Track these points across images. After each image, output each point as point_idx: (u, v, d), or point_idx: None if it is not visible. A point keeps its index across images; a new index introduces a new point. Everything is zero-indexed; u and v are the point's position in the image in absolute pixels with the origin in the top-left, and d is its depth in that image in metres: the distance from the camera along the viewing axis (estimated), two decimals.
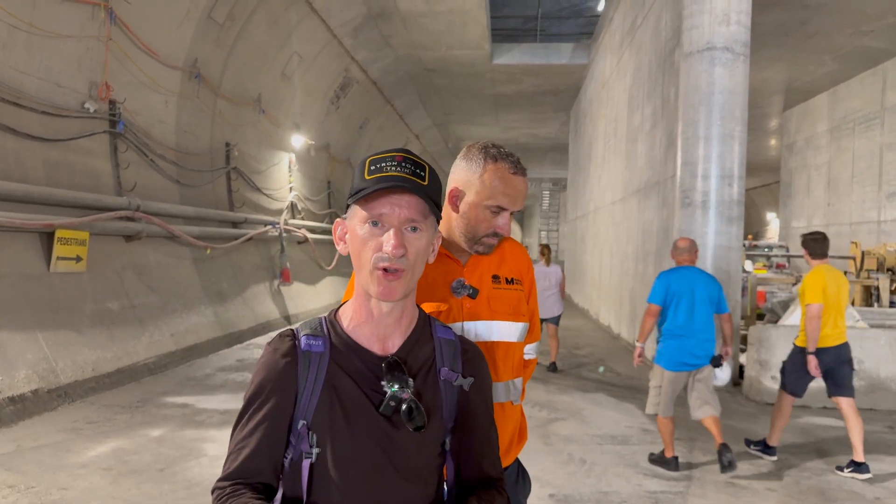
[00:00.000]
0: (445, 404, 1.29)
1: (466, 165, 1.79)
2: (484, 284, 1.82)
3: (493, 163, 1.76)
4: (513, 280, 1.88)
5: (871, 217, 14.87)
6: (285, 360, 1.24)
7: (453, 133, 26.92)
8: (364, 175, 1.22)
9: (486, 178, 1.75)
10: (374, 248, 1.20)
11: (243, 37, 11.04)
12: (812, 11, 11.50)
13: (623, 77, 13.06)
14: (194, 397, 6.79)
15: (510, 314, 1.84)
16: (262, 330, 11.23)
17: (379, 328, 1.27)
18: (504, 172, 1.76)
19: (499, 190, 1.75)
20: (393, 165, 1.22)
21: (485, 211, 1.76)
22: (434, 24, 14.64)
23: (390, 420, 1.22)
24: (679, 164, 8.15)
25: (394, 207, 1.20)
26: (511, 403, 1.87)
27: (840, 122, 16.24)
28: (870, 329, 7.16)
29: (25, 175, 6.84)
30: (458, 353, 1.33)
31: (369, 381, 1.24)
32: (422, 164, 1.25)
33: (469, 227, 1.79)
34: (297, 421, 1.22)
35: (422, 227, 1.22)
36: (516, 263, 1.92)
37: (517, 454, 1.93)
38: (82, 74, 7.72)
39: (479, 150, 1.79)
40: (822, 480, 4.77)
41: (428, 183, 1.23)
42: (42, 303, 6.69)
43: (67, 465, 4.67)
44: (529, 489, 2.00)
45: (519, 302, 1.87)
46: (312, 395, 1.22)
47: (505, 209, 1.77)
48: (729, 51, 7.76)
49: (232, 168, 11.57)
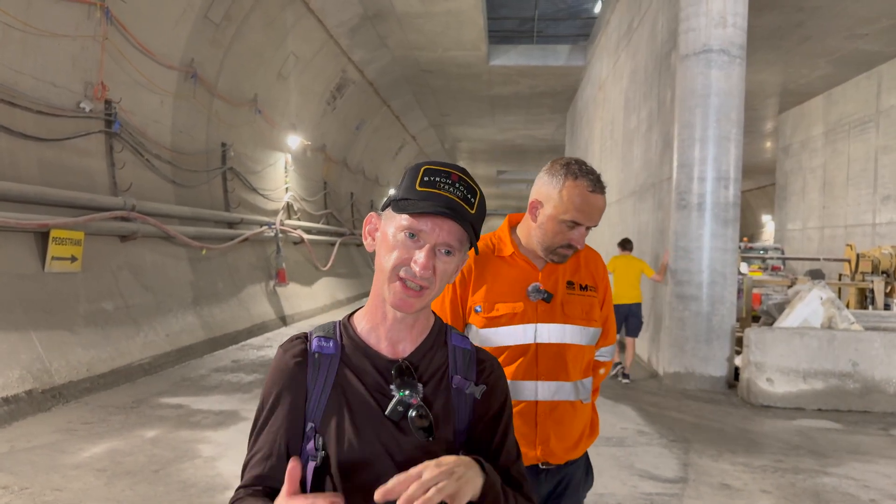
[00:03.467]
0: (458, 413, 1.26)
1: (548, 180, 1.90)
2: (559, 289, 1.95)
3: (573, 180, 1.86)
4: (587, 287, 2.01)
5: (865, 220, 14.92)
6: (295, 361, 1.23)
7: (450, 134, 26.92)
8: (416, 184, 1.19)
9: (564, 193, 1.85)
10: (402, 259, 1.18)
11: (240, 37, 11.02)
12: (807, 15, 11.53)
13: (619, 79, 13.08)
14: (189, 398, 6.77)
15: (582, 319, 1.96)
16: (258, 331, 11.21)
17: (391, 332, 1.25)
18: (582, 190, 1.85)
19: (575, 206, 1.85)
20: (448, 184, 1.19)
21: (560, 224, 1.87)
22: (431, 25, 14.64)
23: (398, 425, 1.19)
24: (675, 167, 8.16)
25: (434, 227, 1.17)
26: (581, 402, 2.00)
27: (835, 125, 16.30)
28: (864, 332, 7.18)
29: (20, 175, 6.81)
30: (474, 362, 1.30)
31: (378, 385, 1.22)
32: (474, 189, 1.22)
33: (545, 237, 1.90)
34: (306, 423, 1.21)
35: (455, 252, 1.20)
36: (592, 271, 2.05)
37: (587, 448, 2.06)
38: (78, 74, 7.70)
39: (562, 167, 1.88)
40: (818, 483, 4.78)
41: (475, 211, 1.21)
42: (36, 303, 6.66)
43: (61, 466, 4.65)
44: (592, 482, 2.12)
45: (592, 307, 2.00)
46: (321, 397, 1.21)
47: (580, 224, 1.86)
48: (725, 53, 7.78)
49: (228, 168, 11.55)
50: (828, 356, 6.96)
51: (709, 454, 5.35)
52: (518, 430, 1.88)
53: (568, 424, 1.97)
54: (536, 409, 1.92)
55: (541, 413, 1.93)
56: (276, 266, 12.94)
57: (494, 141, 27.87)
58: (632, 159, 11.54)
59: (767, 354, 7.06)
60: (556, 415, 1.94)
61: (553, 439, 1.94)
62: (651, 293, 9.50)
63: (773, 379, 7.02)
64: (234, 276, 11.37)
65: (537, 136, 26.23)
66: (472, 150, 30.85)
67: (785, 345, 7.05)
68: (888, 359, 6.93)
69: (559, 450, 1.95)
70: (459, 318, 1.97)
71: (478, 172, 37.96)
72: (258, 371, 8.24)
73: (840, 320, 7.40)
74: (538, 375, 1.92)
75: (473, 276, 1.96)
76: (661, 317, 8.78)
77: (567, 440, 1.97)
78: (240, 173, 12.07)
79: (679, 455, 5.29)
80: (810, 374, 6.97)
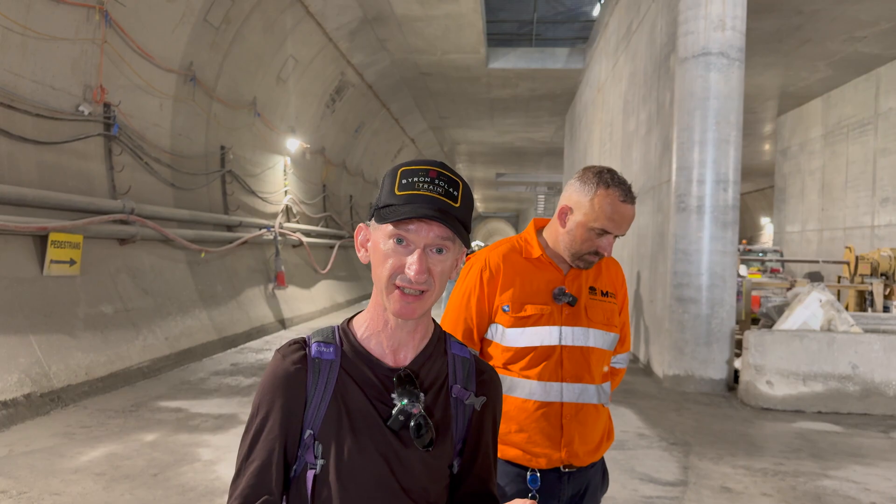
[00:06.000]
0: (456, 423, 1.25)
1: (580, 187, 1.93)
2: (582, 294, 1.99)
3: (604, 189, 1.89)
4: (608, 293, 2.06)
5: (864, 222, 14.92)
6: (295, 367, 1.19)
7: (449, 137, 26.95)
8: (394, 189, 1.16)
9: (595, 201, 1.89)
10: (396, 267, 1.16)
11: (239, 40, 11.03)
12: (806, 18, 11.55)
13: (618, 82, 13.09)
14: (188, 401, 6.75)
15: (604, 323, 2.01)
16: (257, 334, 11.20)
17: (392, 339, 1.23)
18: (614, 199, 1.88)
19: (606, 215, 1.88)
20: (427, 183, 1.16)
21: (589, 232, 1.91)
22: (430, 29, 14.65)
23: (398, 435, 1.18)
24: (674, 169, 8.16)
25: (421, 230, 1.15)
26: (602, 406, 2.04)
27: (834, 127, 16.32)
28: (864, 334, 7.18)
29: (19, 178, 6.80)
30: (473, 372, 1.29)
31: (379, 393, 1.20)
32: (455, 181, 1.19)
33: (573, 243, 1.94)
34: (305, 430, 1.18)
35: (448, 248, 1.17)
36: (612, 278, 2.10)
37: (605, 452, 2.09)
38: (77, 77, 7.70)
39: (594, 175, 1.92)
40: (818, 486, 4.77)
41: (460, 204, 1.17)
42: (35, 306, 6.65)
43: (60, 471, 4.64)
44: (608, 487, 2.14)
45: (612, 313, 2.05)
46: (321, 404, 1.18)
47: (609, 233, 1.90)
48: (724, 56, 7.79)
49: (227, 171, 11.54)
50: (827, 359, 6.96)
51: (709, 457, 5.34)
52: (543, 432, 1.94)
53: (591, 427, 2.00)
54: (562, 411, 1.95)
55: (566, 415, 1.95)
56: (274, 269, 12.93)
57: (493, 144, 27.90)
58: (631, 162, 11.55)
59: (767, 357, 7.05)
60: (580, 417, 1.97)
61: (577, 441, 1.97)
62: (650, 296, 9.50)
63: (772, 381, 7.02)
64: (233, 280, 11.36)
65: (536, 138, 26.25)
66: (471, 153, 30.87)
67: (784, 347, 7.04)
68: (888, 361, 6.93)
69: (582, 452, 1.98)
70: (485, 317, 1.99)
71: (477, 175, 38.01)
72: (257, 374, 8.22)
73: (839, 323, 7.40)
74: (563, 377, 1.95)
75: (502, 275, 1.98)
76: (660, 320, 8.78)
77: (590, 443, 2.00)
78: (239, 176, 12.06)
79: (679, 458, 5.28)
80: (810, 377, 6.97)
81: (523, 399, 1.94)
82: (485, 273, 1.99)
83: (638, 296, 10.39)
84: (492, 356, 2.01)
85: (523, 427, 1.92)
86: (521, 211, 58.95)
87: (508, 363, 1.97)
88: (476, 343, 2.01)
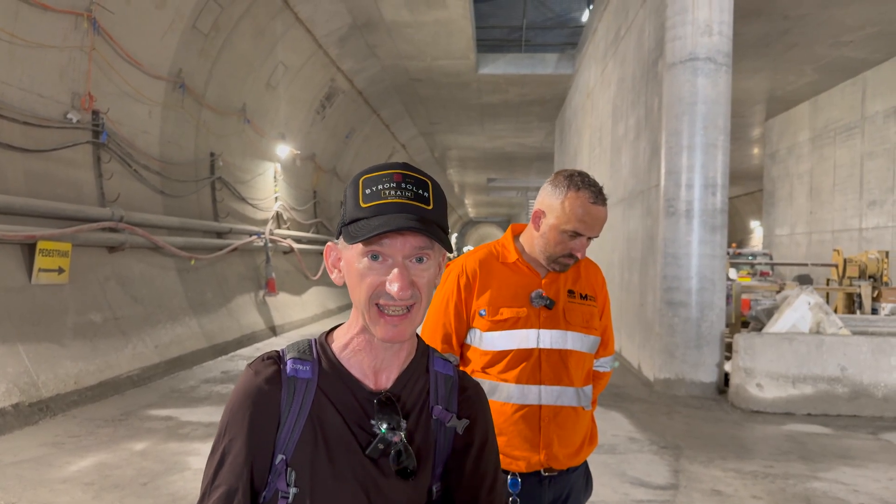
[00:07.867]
0: (437, 447, 1.17)
1: (552, 190, 1.96)
2: (560, 297, 2.01)
3: (574, 191, 1.92)
4: (587, 296, 2.07)
5: (852, 225, 15.04)
6: (268, 387, 1.09)
7: (440, 142, 26.97)
8: (359, 201, 1.06)
9: (566, 204, 1.92)
10: (375, 286, 1.05)
11: (228, 47, 11.01)
12: (793, 22, 11.65)
13: (607, 87, 13.15)
14: (178, 410, 6.72)
15: (583, 326, 2.03)
16: (248, 341, 11.16)
17: (376, 360, 1.13)
18: (584, 201, 1.91)
19: (577, 216, 1.91)
20: (392, 189, 1.05)
21: (562, 234, 1.93)
22: (419, 35, 14.68)
23: (377, 463, 1.09)
24: (663, 174, 8.21)
25: (395, 241, 1.04)
26: (582, 409, 2.06)
27: (821, 131, 16.45)
28: (852, 336, 7.23)
29: (7, 186, 6.77)
30: (455, 390, 1.20)
31: (358, 418, 1.11)
32: (423, 181, 1.08)
33: (547, 246, 1.97)
34: (276, 455, 1.08)
35: (429, 256, 1.07)
36: (592, 281, 2.12)
37: (587, 456, 2.13)
38: (65, 84, 7.67)
39: (565, 178, 1.95)
40: (808, 488, 4.79)
41: (433, 206, 1.07)
42: (23, 315, 6.61)
43: (49, 480, 4.60)
44: (591, 491, 2.19)
45: (591, 316, 2.06)
46: (295, 427, 1.08)
47: (581, 234, 1.93)
48: (711, 61, 7.84)
49: (216, 178, 11.51)
50: (816, 361, 7.00)
51: (699, 460, 5.36)
52: (521, 434, 1.95)
53: (570, 430, 2.01)
54: (540, 413, 1.97)
55: (544, 417, 1.97)
56: (265, 276, 12.90)
57: (484, 149, 27.95)
58: (620, 167, 11.60)
59: (757, 360, 7.09)
60: (559, 419, 1.99)
61: (556, 444, 1.98)
62: (640, 300, 9.53)
63: (762, 384, 7.06)
64: (224, 287, 11.31)
65: (527, 143, 26.32)
66: (461, 158, 30.91)
67: (774, 350, 7.09)
68: (876, 363, 6.98)
69: (562, 455, 1.99)
70: (463, 322, 2.02)
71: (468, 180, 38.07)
72: None
73: (828, 325, 7.45)
74: (541, 380, 1.97)
75: (478, 280, 2.01)
76: (650, 323, 8.81)
77: (569, 446, 2.01)
78: (228, 183, 12.03)
79: (670, 461, 5.29)
80: (799, 379, 7.01)
81: (502, 402, 1.96)
82: (462, 279, 2.01)
83: (628, 300, 10.42)
84: (471, 360, 2.03)
85: (502, 430, 1.93)
86: (512, 216, 59.02)
87: (486, 367, 1.99)
88: (456, 349, 2.03)
